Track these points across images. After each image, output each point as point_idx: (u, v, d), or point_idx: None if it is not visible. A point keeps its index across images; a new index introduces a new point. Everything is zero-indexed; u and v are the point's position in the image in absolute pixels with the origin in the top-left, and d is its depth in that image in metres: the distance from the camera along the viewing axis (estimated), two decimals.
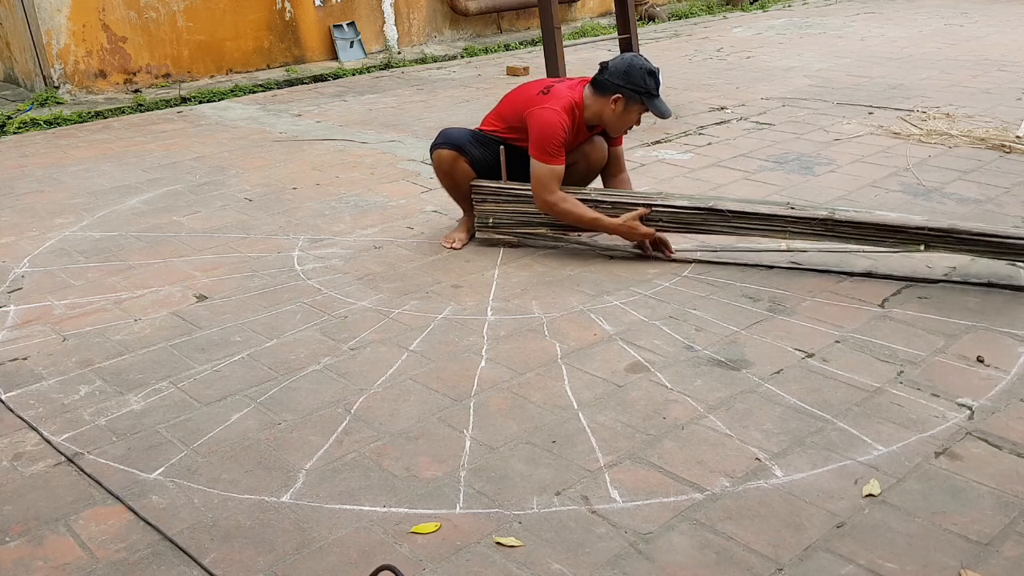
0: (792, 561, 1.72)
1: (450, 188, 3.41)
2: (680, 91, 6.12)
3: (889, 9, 10.04)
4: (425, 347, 2.63)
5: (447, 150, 3.29)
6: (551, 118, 3.11)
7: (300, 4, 7.55)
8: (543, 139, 3.11)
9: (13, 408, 2.39)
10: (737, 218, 3.02)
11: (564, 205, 3.15)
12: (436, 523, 1.86)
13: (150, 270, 3.32)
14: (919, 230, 2.75)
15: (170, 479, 2.05)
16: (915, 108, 5.24)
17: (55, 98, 6.44)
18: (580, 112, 3.19)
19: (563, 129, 3.11)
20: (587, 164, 3.35)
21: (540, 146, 3.12)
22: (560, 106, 3.14)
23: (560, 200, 3.15)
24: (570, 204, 3.15)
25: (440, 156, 3.31)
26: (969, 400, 2.23)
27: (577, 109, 3.18)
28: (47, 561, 1.81)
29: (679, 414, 2.22)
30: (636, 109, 3.17)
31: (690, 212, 3.10)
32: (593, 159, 3.34)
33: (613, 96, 3.13)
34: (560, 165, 3.14)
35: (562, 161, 3.15)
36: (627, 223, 3.12)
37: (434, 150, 3.34)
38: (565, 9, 9.45)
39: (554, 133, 3.10)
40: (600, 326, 2.71)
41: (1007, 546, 1.74)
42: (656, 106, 3.17)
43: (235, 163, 4.80)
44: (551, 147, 3.11)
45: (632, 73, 3.13)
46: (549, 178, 3.13)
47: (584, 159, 3.33)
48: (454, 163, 3.29)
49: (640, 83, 3.13)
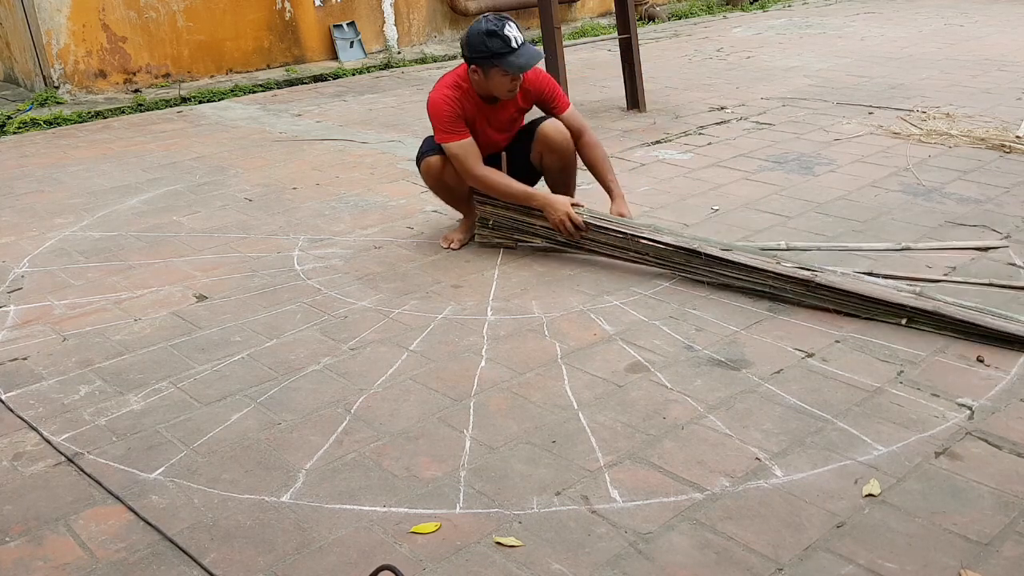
0: (792, 561, 1.72)
1: (444, 194, 3.39)
2: (680, 91, 6.12)
3: (889, 9, 10.04)
4: (425, 347, 2.63)
5: (433, 157, 3.25)
6: (433, 97, 3.14)
7: (300, 4, 7.55)
8: (435, 120, 3.14)
9: (13, 408, 2.39)
10: (719, 265, 2.89)
11: (491, 177, 3.15)
12: (436, 523, 1.86)
13: (150, 270, 3.32)
14: (902, 307, 2.59)
15: (170, 479, 2.05)
16: (915, 108, 5.24)
17: (55, 98, 6.44)
18: (468, 84, 3.15)
19: (446, 102, 3.11)
20: (553, 152, 3.25)
21: (437, 128, 3.15)
22: (442, 83, 3.16)
23: (486, 173, 3.14)
24: (497, 177, 3.15)
25: (427, 164, 3.28)
26: (969, 400, 2.23)
27: (463, 81, 3.15)
28: (47, 561, 1.81)
29: (679, 414, 2.22)
30: (496, 72, 3.05)
31: (673, 250, 2.99)
32: (555, 144, 3.24)
33: (472, 68, 3.10)
34: (463, 139, 3.12)
35: (462, 135, 3.12)
36: (559, 210, 3.08)
37: (421, 160, 3.32)
38: (565, 9, 9.45)
39: (437, 109, 3.12)
40: (600, 326, 2.71)
41: (1007, 546, 1.74)
42: (511, 63, 3.03)
43: (235, 163, 4.80)
44: (445, 123, 3.11)
45: (472, 41, 3.05)
46: (463, 154, 3.13)
47: (545, 147, 3.25)
48: (443, 169, 3.26)
49: (481, 48, 3.02)
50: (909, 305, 2.59)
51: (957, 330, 2.52)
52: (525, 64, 3.04)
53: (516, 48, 3.02)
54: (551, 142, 3.24)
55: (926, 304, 2.57)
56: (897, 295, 2.62)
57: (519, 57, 3.03)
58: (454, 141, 3.12)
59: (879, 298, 2.63)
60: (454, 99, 3.12)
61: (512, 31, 3.03)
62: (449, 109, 3.10)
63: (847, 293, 2.67)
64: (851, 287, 2.67)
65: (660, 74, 6.70)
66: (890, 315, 2.62)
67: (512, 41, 3.01)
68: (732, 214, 3.62)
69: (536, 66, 3.13)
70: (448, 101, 3.11)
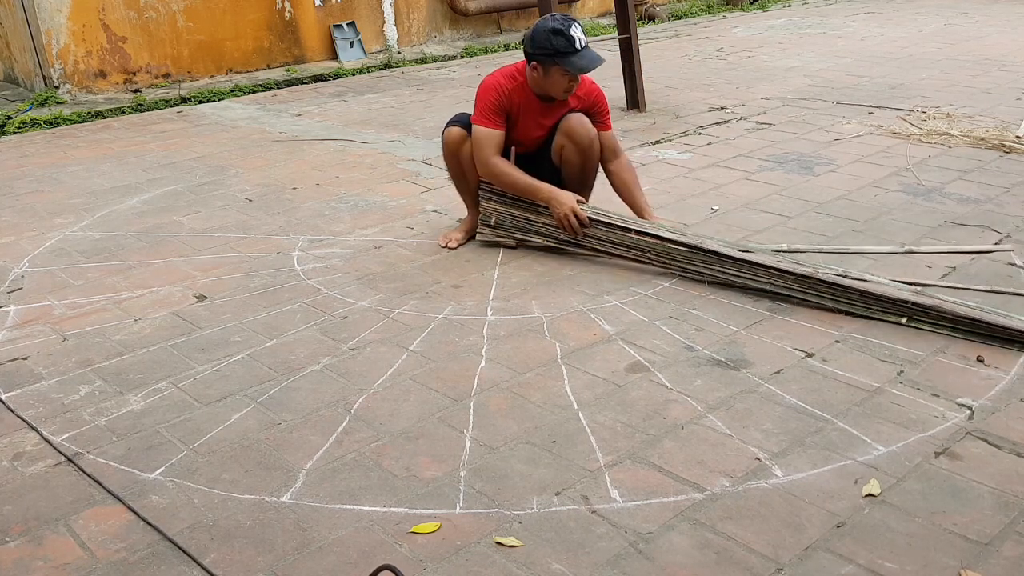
0: (792, 561, 1.72)
1: (455, 174, 3.40)
2: (680, 91, 6.12)
3: (889, 9, 10.04)
4: (425, 347, 2.63)
5: (457, 128, 3.29)
6: (487, 81, 3.17)
7: (300, 4, 7.55)
8: (478, 100, 3.18)
9: (13, 408, 2.39)
10: (721, 262, 2.89)
11: (501, 167, 3.17)
12: (436, 523, 1.86)
13: (150, 270, 3.32)
14: (903, 303, 2.59)
15: (170, 479, 2.05)
16: (915, 108, 5.24)
17: (55, 98, 6.44)
18: (523, 78, 3.18)
19: (496, 89, 3.13)
20: (574, 145, 3.22)
21: (477, 108, 3.17)
22: (500, 72, 3.18)
23: (498, 163, 3.16)
24: (506, 168, 3.17)
25: (450, 134, 3.31)
26: (969, 400, 2.23)
27: (519, 74, 3.18)
28: (47, 561, 1.81)
29: (679, 414, 2.22)
30: (556, 71, 3.08)
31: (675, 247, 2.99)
32: (577, 138, 3.20)
33: (532, 64, 3.12)
34: (493, 128, 3.14)
35: (496, 125, 3.15)
36: (564, 205, 3.10)
37: (445, 128, 3.35)
38: (565, 9, 9.44)
39: (486, 93, 3.15)
40: (600, 326, 2.71)
41: (1007, 546, 1.74)
42: (573, 63, 3.06)
43: (235, 163, 4.80)
44: (483, 107, 3.14)
45: (536, 37, 3.07)
46: (482, 141, 3.15)
47: (567, 139, 3.22)
48: (462, 143, 3.28)
49: (546, 45, 3.04)
50: (910, 301, 2.59)
51: (958, 328, 2.52)
52: (586, 65, 3.07)
53: (579, 49, 3.05)
54: (573, 133, 3.22)
55: (927, 301, 2.57)
56: (898, 292, 2.62)
57: (581, 58, 3.06)
58: (485, 127, 3.15)
59: (880, 294, 2.63)
60: (505, 89, 3.15)
61: (577, 32, 3.06)
62: (495, 98, 3.14)
63: (848, 290, 2.67)
64: (851, 284, 2.67)
65: (660, 74, 6.70)
66: (891, 313, 2.62)
67: (577, 42, 3.05)
68: (732, 214, 3.62)
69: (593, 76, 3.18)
70: (498, 90, 3.14)
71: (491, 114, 3.15)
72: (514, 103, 3.17)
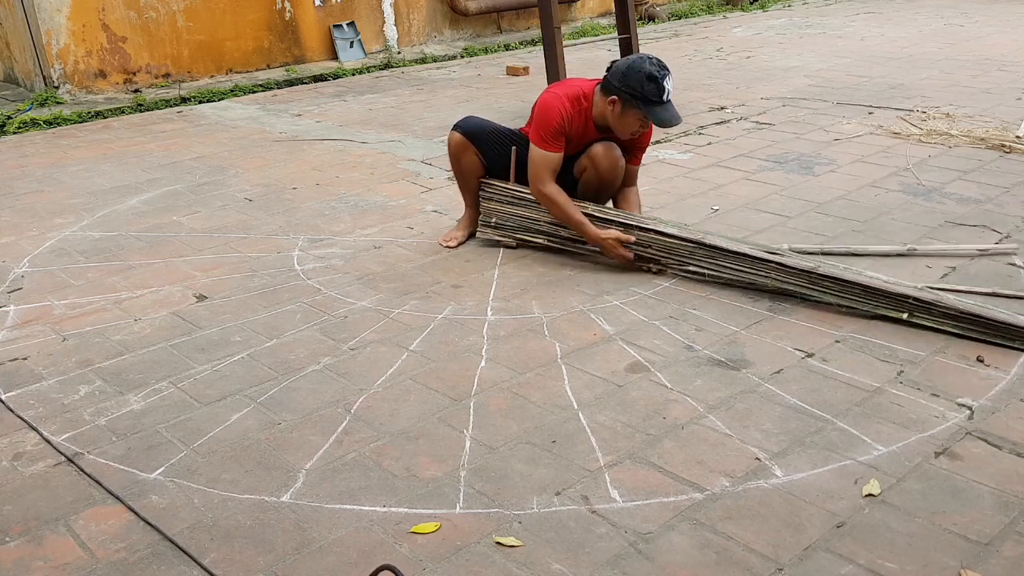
0: (792, 561, 1.72)
1: (457, 174, 3.42)
2: (680, 91, 6.11)
3: (889, 9, 10.04)
4: (425, 347, 2.63)
5: (459, 135, 3.29)
6: (550, 100, 3.09)
7: (300, 4, 7.55)
8: (538, 121, 3.10)
9: (13, 408, 2.39)
10: (724, 256, 2.90)
11: (556, 198, 3.10)
12: (436, 523, 1.86)
13: (150, 270, 3.32)
14: (905, 298, 2.59)
15: (170, 479, 2.05)
16: (915, 108, 5.24)
17: (55, 98, 6.44)
18: (588, 104, 3.10)
19: (560, 113, 3.06)
20: (596, 172, 3.18)
21: (536, 128, 3.12)
22: (563, 91, 3.11)
23: (553, 193, 3.10)
24: (561, 200, 3.10)
25: (452, 139, 3.32)
26: (969, 400, 2.23)
27: (584, 100, 3.11)
28: (47, 561, 1.81)
29: (679, 414, 2.22)
30: (633, 114, 3.02)
31: (678, 242, 3.00)
32: (603, 167, 3.15)
33: (610, 97, 3.04)
34: (553, 152, 3.09)
35: (556, 148, 3.09)
36: (608, 240, 3.05)
37: (451, 131, 3.35)
38: (565, 9, 9.45)
39: (549, 116, 3.07)
40: (600, 326, 2.71)
41: (1007, 546, 1.74)
42: (655, 114, 3.01)
43: (235, 163, 4.80)
44: (544, 130, 3.08)
45: (629, 76, 2.98)
46: (540, 164, 3.10)
47: (592, 165, 3.17)
48: (463, 150, 3.30)
49: (636, 87, 2.96)
50: (911, 297, 2.59)
51: (959, 324, 2.53)
52: (668, 121, 3.01)
53: (665, 102, 2.99)
54: (599, 163, 3.16)
55: (928, 296, 2.58)
56: (899, 287, 2.63)
57: (665, 111, 3.00)
58: (545, 150, 3.09)
59: (881, 289, 2.63)
60: (569, 114, 3.08)
61: (669, 84, 3.00)
62: (559, 123, 3.07)
63: (849, 284, 2.67)
64: (853, 278, 2.67)
65: None
66: (892, 308, 2.62)
67: (666, 94, 2.99)
68: (732, 214, 3.62)
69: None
70: (562, 114, 3.07)
71: (552, 138, 3.08)
72: (574, 127, 3.12)
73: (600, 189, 3.24)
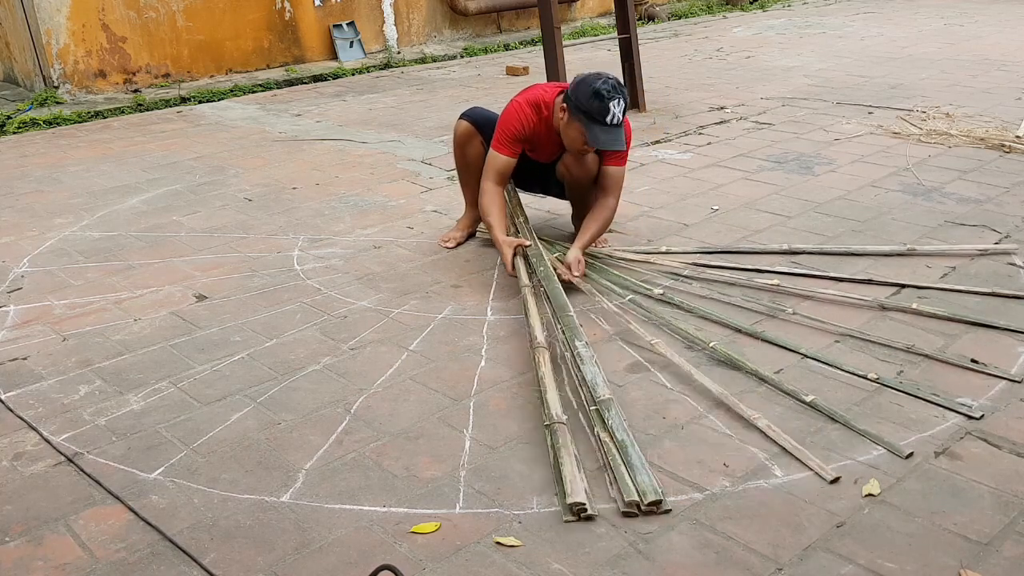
0: (792, 561, 1.72)
1: (460, 167, 3.41)
2: (680, 91, 6.12)
3: (889, 9, 10.04)
4: (425, 347, 2.63)
5: (467, 123, 3.29)
6: (512, 107, 3.11)
7: (300, 4, 7.55)
8: (501, 126, 3.11)
9: (13, 408, 2.39)
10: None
11: (485, 196, 3.10)
12: (436, 523, 1.86)
13: (150, 270, 3.31)
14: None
15: (170, 479, 2.05)
16: (915, 108, 5.24)
17: (55, 98, 6.43)
18: (548, 113, 3.06)
19: (519, 120, 3.06)
20: (570, 178, 3.18)
21: (497, 133, 3.12)
22: (525, 98, 3.11)
23: (487, 190, 3.10)
24: (486, 199, 3.08)
25: (459, 127, 3.32)
26: (969, 400, 2.23)
27: (545, 108, 3.07)
28: (47, 561, 1.81)
29: (679, 414, 2.22)
30: (577, 128, 2.92)
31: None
32: (571, 175, 3.15)
33: (563, 105, 2.97)
34: (502, 155, 3.08)
35: (507, 152, 3.08)
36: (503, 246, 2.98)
37: (458, 120, 3.35)
38: (565, 9, 9.45)
39: (509, 121, 3.08)
40: (600, 326, 2.71)
41: (1007, 546, 1.74)
42: (594, 132, 2.88)
43: (235, 163, 4.80)
44: (502, 133, 3.09)
45: (580, 88, 2.89)
46: (488, 163, 3.12)
47: (565, 170, 3.16)
48: (469, 139, 3.30)
49: (583, 100, 2.87)
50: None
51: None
52: (604, 143, 2.92)
53: (607, 124, 2.88)
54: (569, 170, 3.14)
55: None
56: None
57: (605, 132, 2.89)
58: (497, 152, 3.10)
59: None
60: (530, 122, 3.06)
61: (616, 108, 2.87)
62: (517, 128, 3.07)
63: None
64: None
65: (660, 74, 6.70)
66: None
67: (610, 117, 2.87)
68: (732, 214, 3.62)
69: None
70: (521, 122, 3.06)
71: (508, 142, 3.08)
72: (537, 134, 3.10)
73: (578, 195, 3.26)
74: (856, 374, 2.35)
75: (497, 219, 3.05)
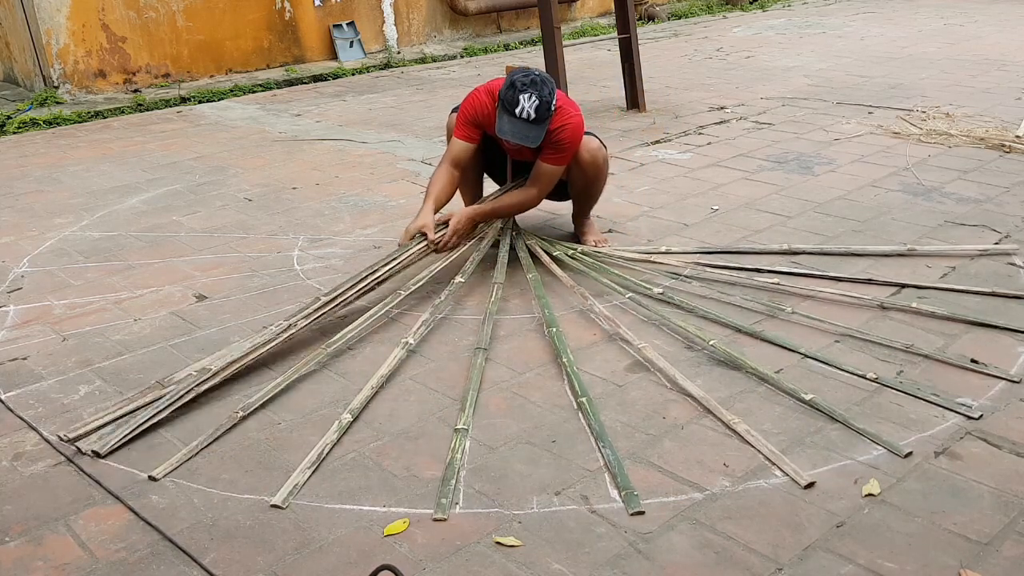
0: (792, 561, 1.72)
1: None
2: (680, 91, 6.12)
3: (889, 9, 10.04)
4: (425, 347, 2.62)
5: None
6: (473, 95, 3.13)
7: (300, 4, 7.55)
8: (460, 111, 3.13)
9: (13, 408, 2.39)
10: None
11: (434, 175, 3.13)
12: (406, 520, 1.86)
13: (150, 270, 3.31)
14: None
15: (170, 479, 2.05)
16: (915, 108, 5.24)
17: (55, 98, 6.43)
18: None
19: (472, 105, 3.08)
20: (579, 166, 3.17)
21: (458, 117, 3.14)
22: (485, 87, 3.13)
23: (437, 170, 3.13)
24: (433, 179, 3.12)
25: (452, 120, 3.29)
26: (969, 400, 2.23)
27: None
28: (47, 561, 1.81)
29: (679, 414, 2.22)
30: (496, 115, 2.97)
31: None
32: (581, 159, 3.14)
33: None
34: (459, 139, 3.10)
35: (461, 135, 3.09)
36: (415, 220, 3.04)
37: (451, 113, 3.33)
38: (565, 9, 9.44)
39: (464, 107, 3.11)
40: (600, 326, 2.71)
41: (1007, 546, 1.74)
42: (500, 120, 2.90)
43: (235, 163, 4.80)
44: (461, 119, 3.11)
45: (509, 77, 2.94)
46: (450, 149, 3.13)
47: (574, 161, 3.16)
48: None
49: (502, 89, 2.92)
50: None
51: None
52: (506, 133, 2.91)
53: (513, 115, 2.87)
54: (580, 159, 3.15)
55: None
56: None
57: (508, 123, 2.89)
58: (456, 136, 3.14)
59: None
60: (485, 107, 3.07)
61: (527, 103, 2.84)
62: (471, 113, 3.09)
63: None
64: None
65: (660, 74, 6.70)
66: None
67: (519, 110, 2.85)
68: (732, 214, 3.62)
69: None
70: (474, 107, 3.09)
71: (462, 125, 3.11)
72: (490, 119, 3.09)
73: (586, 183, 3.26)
74: (856, 374, 2.36)
75: (431, 197, 3.08)
